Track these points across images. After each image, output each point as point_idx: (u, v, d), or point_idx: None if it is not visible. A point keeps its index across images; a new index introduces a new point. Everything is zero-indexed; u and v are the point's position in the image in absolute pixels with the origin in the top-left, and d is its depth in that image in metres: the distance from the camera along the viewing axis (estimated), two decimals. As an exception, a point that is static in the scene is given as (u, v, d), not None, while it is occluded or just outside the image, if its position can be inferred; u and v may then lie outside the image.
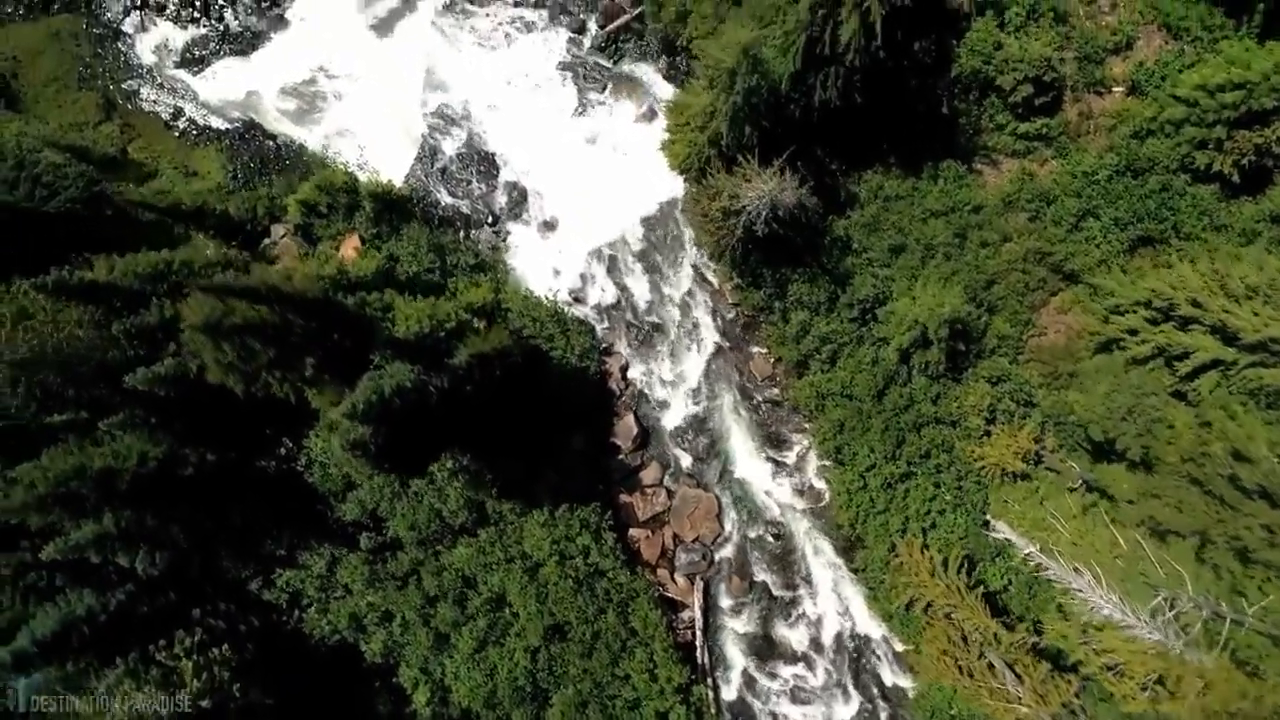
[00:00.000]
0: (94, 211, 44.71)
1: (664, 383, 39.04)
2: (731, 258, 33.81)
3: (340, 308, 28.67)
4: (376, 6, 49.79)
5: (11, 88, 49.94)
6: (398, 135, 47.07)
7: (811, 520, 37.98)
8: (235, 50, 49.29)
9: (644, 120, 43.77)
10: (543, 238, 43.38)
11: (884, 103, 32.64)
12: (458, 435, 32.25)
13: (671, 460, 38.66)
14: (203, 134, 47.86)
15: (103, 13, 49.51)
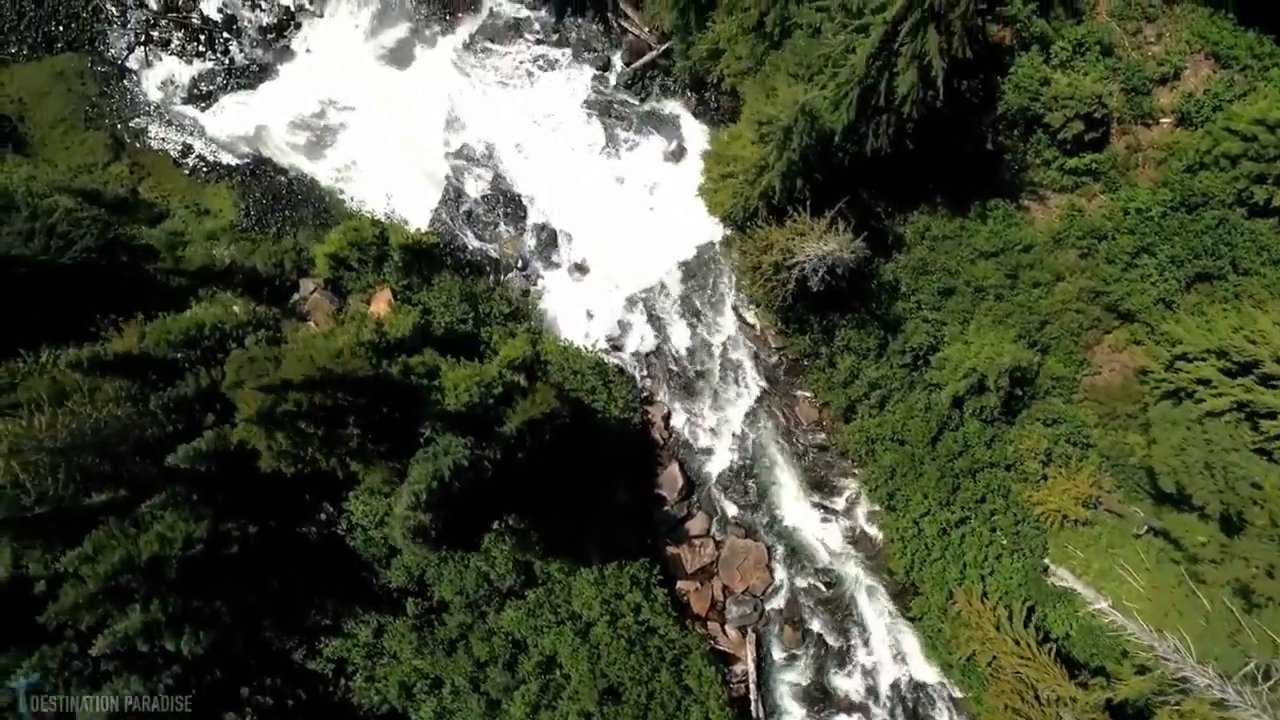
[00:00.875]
0: (110, 259, 43.87)
1: (707, 430, 38.26)
2: (778, 306, 33.01)
3: (388, 380, 27.84)
4: (383, 37, 49.10)
5: (19, 130, 49.16)
6: (418, 176, 46.36)
7: (864, 567, 37.21)
8: (242, 84, 48.54)
9: (673, 158, 43.00)
10: (574, 280, 42.59)
11: (932, 144, 31.83)
12: (506, 500, 31.45)
13: (718, 509, 37.88)
14: (213, 171, 47.10)
15: (106, 49, 48.69)
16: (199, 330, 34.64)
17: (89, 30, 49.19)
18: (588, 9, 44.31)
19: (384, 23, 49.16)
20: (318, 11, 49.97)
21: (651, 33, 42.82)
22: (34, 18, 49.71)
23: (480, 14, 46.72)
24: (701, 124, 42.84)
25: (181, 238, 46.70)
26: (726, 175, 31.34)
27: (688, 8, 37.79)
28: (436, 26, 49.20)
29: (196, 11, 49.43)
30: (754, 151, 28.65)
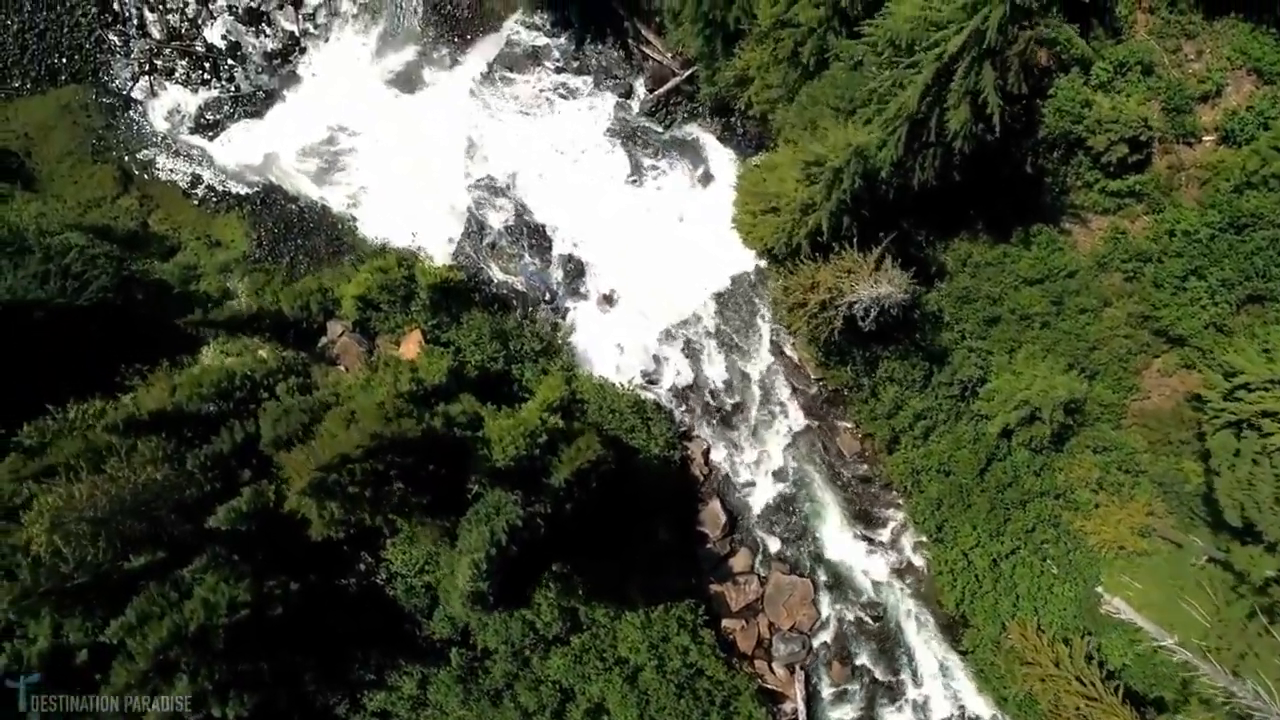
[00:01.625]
0: (126, 298, 43.30)
1: (748, 464, 37.65)
2: (823, 341, 32.36)
3: (434, 435, 27.18)
4: (390, 60, 48.47)
5: (26, 167, 48.48)
6: (432, 203, 45.66)
7: (912, 599, 36.60)
8: (249, 112, 47.91)
9: (700, 184, 42.38)
10: (603, 312, 41.94)
11: (974, 172, 31.18)
12: (552, 549, 30.80)
13: (761, 544, 37.26)
14: (223, 201, 46.41)
15: (110, 80, 47.98)
16: (230, 381, 33.99)
17: (92, 61, 48.53)
18: (608, 36, 43.66)
19: (390, 46, 48.50)
20: (322, 36, 49.39)
21: (674, 59, 42.19)
22: (36, 51, 49.07)
23: (498, 42, 46.06)
24: (728, 149, 42.24)
25: (194, 271, 46.15)
26: (767, 211, 30.66)
27: (714, 35, 37.16)
28: (444, 49, 48.63)
29: (200, 39, 48.84)
30: (799, 190, 27.99)
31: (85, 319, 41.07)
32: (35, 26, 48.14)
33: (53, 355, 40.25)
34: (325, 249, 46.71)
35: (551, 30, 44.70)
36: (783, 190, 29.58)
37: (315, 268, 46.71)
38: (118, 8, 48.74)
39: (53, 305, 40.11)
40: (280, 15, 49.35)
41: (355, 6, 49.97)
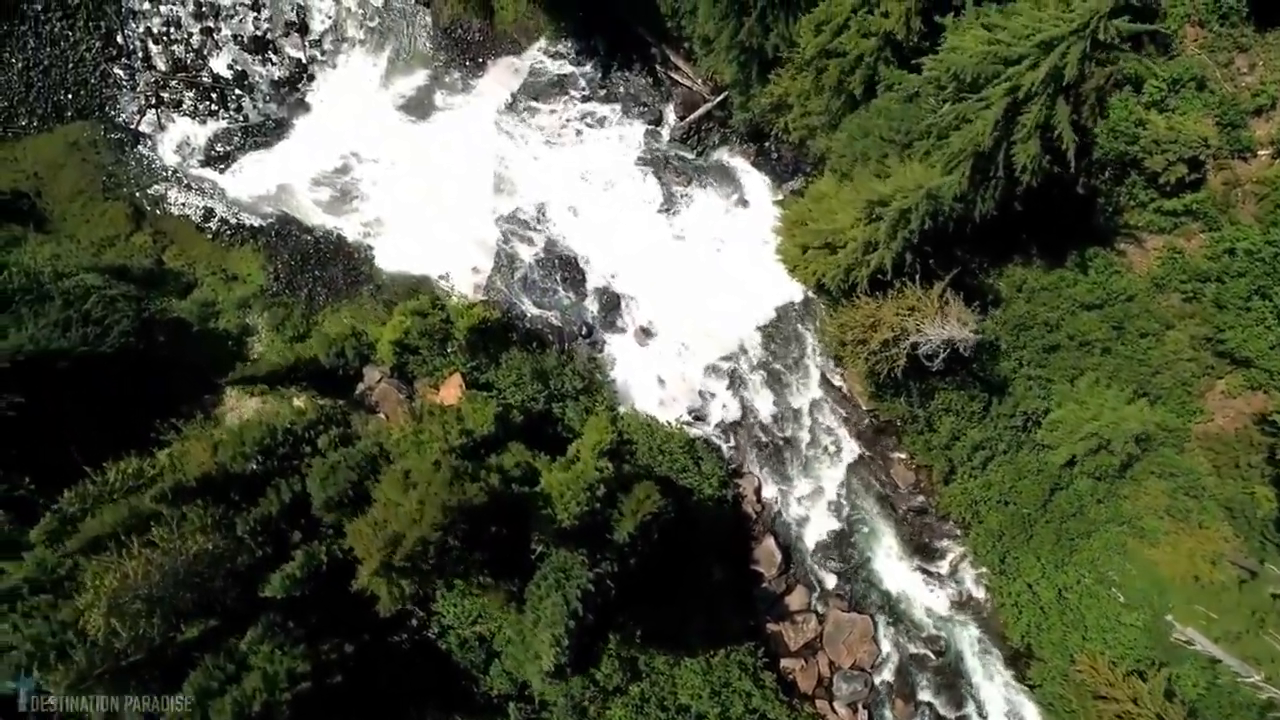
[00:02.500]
0: (148, 341, 42.58)
1: (800, 499, 36.85)
2: (883, 377, 31.60)
3: (496, 497, 26.34)
4: (400, 84, 47.78)
5: (38, 207, 47.68)
6: (458, 235, 44.77)
7: (974, 632, 35.80)
8: (259, 142, 47.18)
9: (736, 211, 41.55)
10: (641, 345, 41.12)
11: (1033, 200, 30.39)
12: (617, 604, 29.96)
13: (817, 581, 36.46)
14: (237, 233, 45.57)
15: (117, 114, 47.18)
16: (272, 437, 33.16)
17: (98, 96, 47.79)
18: (635, 63, 42.87)
19: (399, 70, 47.75)
20: (329, 62, 48.67)
21: (704, 84, 41.39)
22: (42, 88, 48.30)
23: (521, 72, 45.28)
24: (763, 174, 41.43)
25: (213, 308, 45.41)
26: (822, 246, 29.83)
27: (749, 62, 36.38)
28: (456, 73, 47.94)
29: (206, 70, 48.12)
30: (859, 229, 27.19)
31: (109, 366, 40.37)
32: (40, 63, 47.46)
33: (80, 407, 39.58)
34: (343, 280, 45.95)
35: (576, 59, 43.91)
36: (838, 227, 28.77)
37: (334, 299, 46.00)
38: (122, 41, 48.05)
39: (76, 354, 39.38)
40: (286, 43, 48.69)
41: (362, 32, 49.33)
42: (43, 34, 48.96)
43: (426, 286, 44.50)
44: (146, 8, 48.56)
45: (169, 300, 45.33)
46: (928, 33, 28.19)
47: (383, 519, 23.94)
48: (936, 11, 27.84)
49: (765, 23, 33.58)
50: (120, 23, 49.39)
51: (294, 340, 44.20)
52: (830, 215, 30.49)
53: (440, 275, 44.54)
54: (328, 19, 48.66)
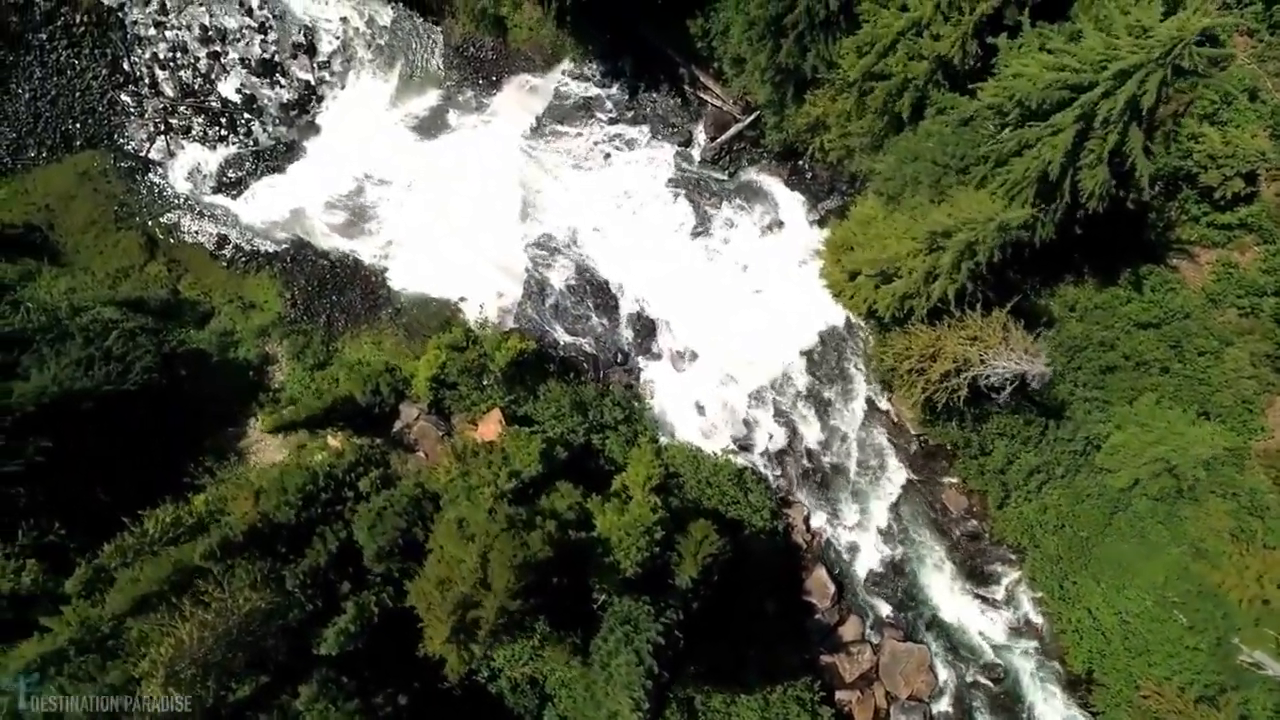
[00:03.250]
0: (171, 376, 41.85)
1: (850, 527, 36.13)
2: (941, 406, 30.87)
3: (555, 546, 25.60)
4: (412, 104, 47.03)
5: (50, 240, 46.82)
6: (478, 257, 43.99)
7: (1033, 658, 35.07)
8: (271, 167, 46.35)
9: (771, 232, 40.83)
10: (678, 371, 40.38)
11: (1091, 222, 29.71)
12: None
13: (870, 610, 35.73)
14: (252, 260, 44.70)
15: (127, 142, 46.29)
16: (314, 482, 32.42)
17: (106, 124, 46.95)
18: (662, 83, 42.16)
19: (410, 90, 46.97)
20: (339, 84, 47.90)
21: (735, 104, 40.66)
22: (50, 118, 47.52)
23: (545, 96, 44.53)
24: (797, 194, 40.70)
25: (232, 337, 44.68)
26: (876, 275, 29.12)
27: (784, 83, 35.72)
28: (469, 91, 47.23)
29: (214, 94, 47.32)
30: (920, 259, 26.48)
31: (133, 403, 39.63)
32: (46, 93, 46.69)
33: (104, 446, 38.84)
34: (361, 304, 45.20)
35: (602, 81, 43.17)
36: (892, 255, 28.07)
37: (353, 324, 45.29)
38: (128, 67, 47.26)
39: (100, 393, 38.66)
40: (294, 65, 47.94)
41: (370, 52, 48.61)
42: (48, 63, 48.20)
43: (449, 310, 43.81)
44: (152, 33, 47.76)
45: (187, 331, 44.64)
46: (980, 54, 27.53)
47: (445, 576, 23.24)
48: (989, 32, 27.17)
49: (803, 44, 32.91)
50: (126, 49, 48.58)
51: (315, 368, 43.53)
52: (881, 242, 29.83)
53: (460, 298, 43.81)
54: (336, 39, 47.91)
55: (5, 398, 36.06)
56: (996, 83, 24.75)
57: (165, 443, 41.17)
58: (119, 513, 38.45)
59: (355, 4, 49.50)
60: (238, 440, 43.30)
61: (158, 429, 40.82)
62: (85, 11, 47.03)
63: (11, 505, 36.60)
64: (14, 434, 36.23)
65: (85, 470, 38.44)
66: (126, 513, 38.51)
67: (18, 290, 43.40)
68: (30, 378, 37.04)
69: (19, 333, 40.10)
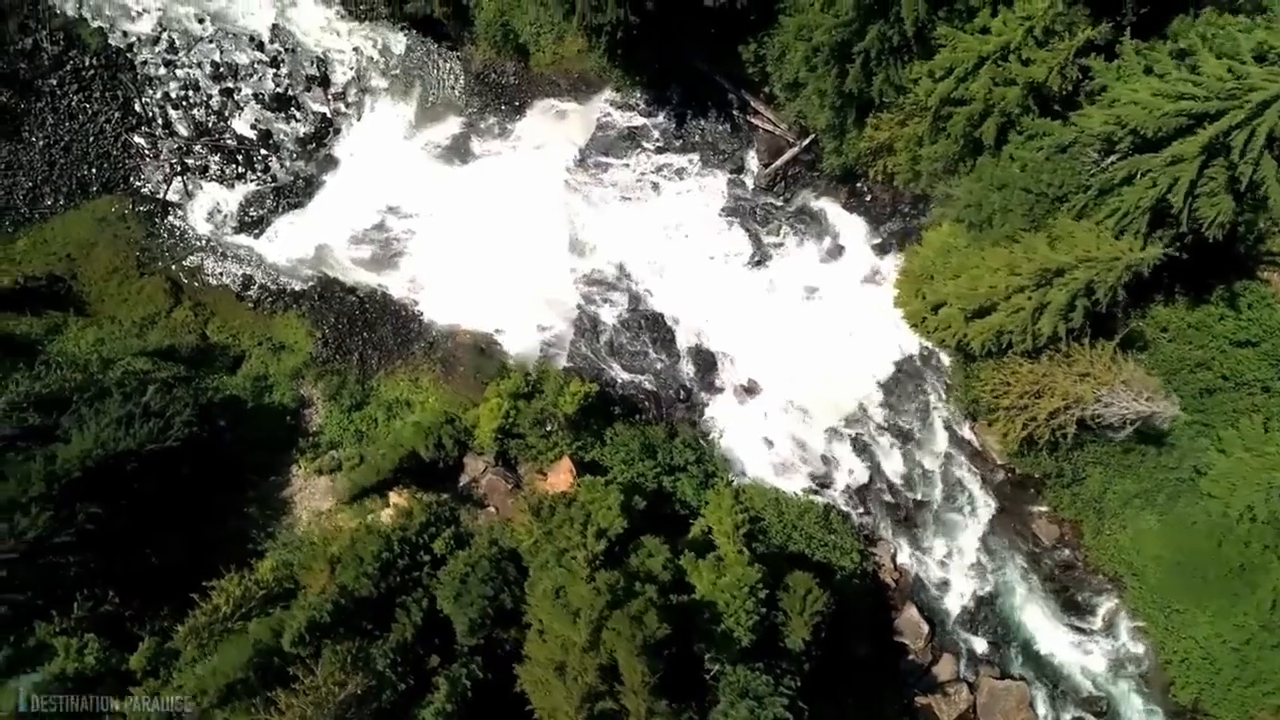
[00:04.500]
0: (211, 428, 40.76)
1: (938, 562, 34.99)
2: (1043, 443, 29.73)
3: (665, 613, 24.44)
4: (431, 133, 46.06)
5: (74, 290, 45.66)
6: (512, 287, 42.65)
7: (1137, 691, 33.89)
8: (292, 203, 45.31)
9: (831, 258, 39.68)
10: (742, 404, 39.24)
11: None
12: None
13: (963, 648, 34.58)
14: (278, 300, 43.53)
15: (143, 185, 45.15)
16: (389, 549, 31.30)
17: (121, 168, 45.89)
18: (710, 110, 41.01)
19: (429, 118, 45.95)
20: (355, 114, 46.85)
21: (789, 129, 39.52)
22: (64, 164, 46.46)
23: (587, 127, 43.40)
24: (856, 217, 39.56)
25: (265, 381, 43.59)
26: (973, 312, 27.97)
27: (845, 108, 34.58)
28: (492, 118, 46.27)
29: (229, 132, 46.29)
30: (1025, 296, 25.34)
31: (175, 460, 38.53)
32: (60, 139, 45.71)
33: (152, 508, 37.75)
34: (393, 340, 44.06)
35: (647, 110, 42.02)
36: (988, 291, 26.90)
37: (386, 361, 44.15)
38: (140, 109, 46.21)
39: (144, 453, 37.55)
40: (309, 97, 46.94)
41: (385, 80, 47.60)
42: (60, 109, 47.19)
43: (482, 341, 42.72)
44: (162, 73, 46.67)
45: (220, 377, 43.55)
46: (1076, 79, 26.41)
47: (558, 660, 22.10)
48: (1080, 54, 26.07)
49: (869, 70, 31.80)
50: (137, 90, 47.53)
51: (352, 409, 42.47)
52: (971, 274, 28.70)
53: (496, 330, 42.75)
54: (349, 70, 46.93)
55: (50, 464, 35.03)
56: (1104, 110, 23.60)
57: (209, 498, 40.09)
58: (170, 576, 37.57)
59: (367, 33, 48.49)
60: (281, 490, 42.17)
61: (201, 484, 39.74)
62: (94, 54, 46.05)
63: (64, 575, 35.63)
64: (62, 501, 35.23)
65: (133, 533, 37.39)
66: (177, 575, 37.62)
67: (45, 345, 42.44)
68: (71, 440, 35.98)
69: (56, 393, 39.11)
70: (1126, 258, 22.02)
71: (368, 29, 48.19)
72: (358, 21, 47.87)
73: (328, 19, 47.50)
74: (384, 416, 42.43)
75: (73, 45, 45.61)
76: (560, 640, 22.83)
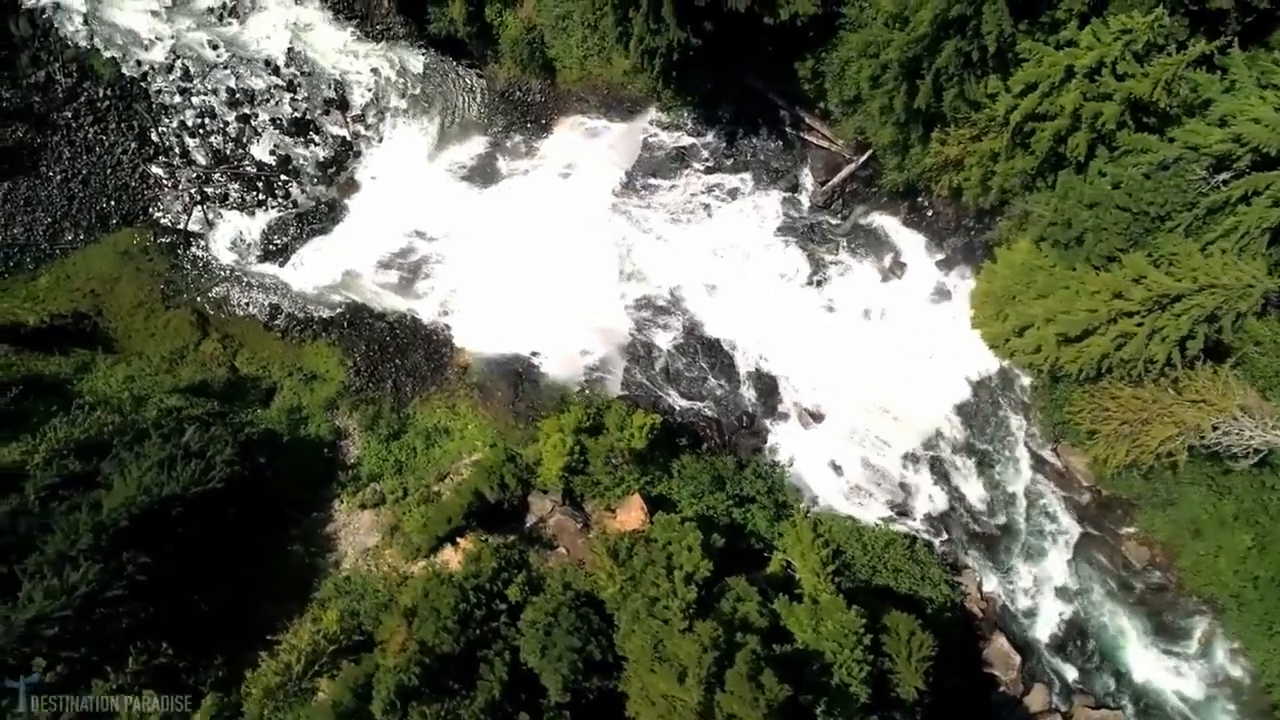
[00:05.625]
0: (252, 465, 39.74)
1: (1026, 589, 33.92)
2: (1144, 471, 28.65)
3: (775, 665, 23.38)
4: (455, 153, 45.33)
5: (100, 326, 44.57)
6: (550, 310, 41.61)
7: (1234, 714, 32.79)
8: (316, 229, 44.39)
9: (893, 276, 38.64)
10: (807, 429, 38.19)
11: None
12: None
13: (1055, 677, 33.49)
14: (307, 328, 42.45)
15: (163, 216, 44.00)
16: (465, 600, 30.23)
17: (140, 199, 44.90)
18: (761, 128, 40.00)
19: (452, 138, 45.19)
20: (375, 136, 45.94)
21: (845, 144, 38.48)
22: (83, 198, 45.44)
23: (633, 149, 42.37)
24: (916, 233, 38.55)
25: (300, 414, 42.55)
26: (1068, 338, 26.89)
27: (910, 123, 33.54)
28: (518, 136, 45.49)
29: (248, 158, 45.36)
30: (1136, 323, 24.25)
31: (220, 501, 37.52)
32: (78, 173, 44.72)
33: (199, 552, 36.77)
34: (426, 365, 43.02)
35: (695, 129, 41.01)
36: (1087, 317, 25.81)
37: (420, 388, 43.10)
38: (156, 138, 45.24)
39: (189, 496, 36.56)
40: (327, 121, 46.06)
41: (405, 101, 46.71)
42: (77, 142, 46.20)
43: (518, 365, 41.73)
44: (177, 101, 45.69)
45: (254, 411, 42.53)
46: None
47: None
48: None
49: (939, 86, 30.76)
50: (152, 120, 46.55)
51: (389, 439, 41.46)
52: (1060, 296, 27.65)
53: (532, 353, 41.76)
54: (368, 91, 46.09)
55: (97, 514, 34.02)
56: (1213, 125, 22.54)
57: (253, 538, 39.10)
58: (220, 621, 36.60)
59: (384, 53, 47.61)
60: (324, 526, 41.10)
61: (245, 524, 38.78)
62: (107, 85, 45.06)
63: (115, 628, 34.69)
64: (110, 552, 34.26)
65: (181, 579, 36.44)
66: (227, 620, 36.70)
67: (75, 384, 41.49)
68: (113, 485, 34.96)
69: (94, 438, 38.14)
70: (1263, 285, 20.95)
71: (385, 50, 47.30)
72: (374, 43, 47.02)
73: (344, 41, 46.64)
74: (422, 445, 41.48)
75: (86, 76, 44.62)
76: (668, 702, 21.79)
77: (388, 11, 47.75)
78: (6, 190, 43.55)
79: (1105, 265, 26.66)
